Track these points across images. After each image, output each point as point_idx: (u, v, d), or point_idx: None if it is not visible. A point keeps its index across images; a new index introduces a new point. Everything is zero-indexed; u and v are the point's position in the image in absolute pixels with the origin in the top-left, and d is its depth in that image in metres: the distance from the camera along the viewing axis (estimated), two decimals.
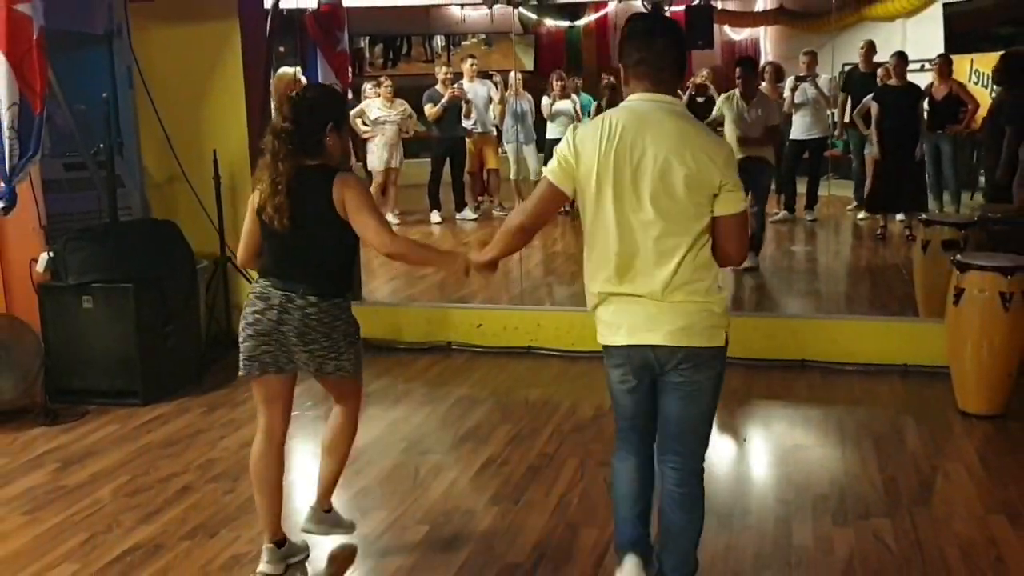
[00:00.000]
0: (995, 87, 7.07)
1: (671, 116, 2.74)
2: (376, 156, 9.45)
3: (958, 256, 4.90)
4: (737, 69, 7.52)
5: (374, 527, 3.70)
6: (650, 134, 2.68)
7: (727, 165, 2.73)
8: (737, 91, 7.31)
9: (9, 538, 3.68)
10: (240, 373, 3.30)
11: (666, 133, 2.69)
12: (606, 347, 2.87)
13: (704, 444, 2.95)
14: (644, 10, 2.65)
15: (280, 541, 3.40)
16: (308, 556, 3.52)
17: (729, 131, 7.21)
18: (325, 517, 3.58)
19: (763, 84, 8.75)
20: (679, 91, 9.28)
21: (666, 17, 3.25)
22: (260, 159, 3.23)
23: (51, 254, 5.14)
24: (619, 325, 2.80)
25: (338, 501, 3.93)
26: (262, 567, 3.35)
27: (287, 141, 3.13)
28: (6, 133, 4.67)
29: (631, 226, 2.72)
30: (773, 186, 8.55)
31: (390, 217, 9.16)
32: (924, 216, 6.33)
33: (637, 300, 2.76)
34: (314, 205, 3.15)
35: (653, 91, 2.75)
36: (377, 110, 9.45)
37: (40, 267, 5.14)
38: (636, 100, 2.77)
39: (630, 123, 2.70)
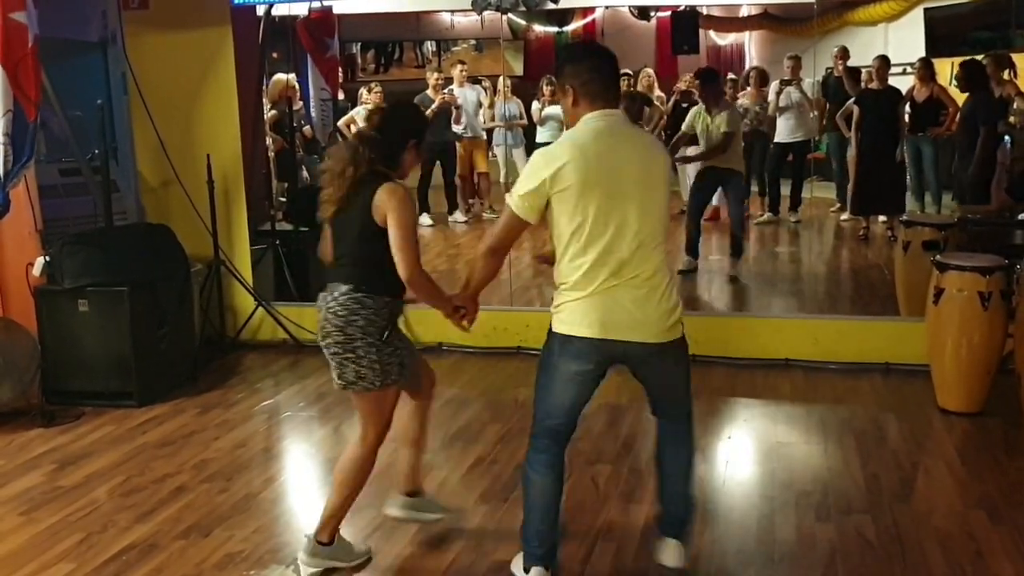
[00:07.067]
0: (964, 93, 7.21)
1: (627, 126, 3.07)
2: None
3: (938, 256, 4.98)
4: (696, 82, 7.58)
5: (364, 525, 3.72)
6: (622, 146, 2.95)
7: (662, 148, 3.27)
8: (702, 106, 7.31)
9: (6, 538, 3.71)
10: None
11: (633, 142, 3.00)
12: (568, 338, 2.97)
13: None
14: (593, 43, 3.50)
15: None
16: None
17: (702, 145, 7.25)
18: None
19: (748, 88, 8.82)
20: (665, 96, 9.38)
21: (598, 44, 3.65)
22: (328, 161, 3.24)
23: (47, 258, 5.16)
24: (593, 319, 2.93)
25: None
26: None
27: (369, 148, 3.15)
28: (0, 139, 4.71)
29: (624, 231, 2.90)
30: (756, 188, 8.61)
31: None
32: (905, 217, 6.39)
33: (616, 297, 2.92)
34: (357, 207, 3.13)
35: (605, 107, 2.97)
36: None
37: (36, 271, 5.16)
38: (597, 118, 2.96)
39: (602, 140, 2.93)
